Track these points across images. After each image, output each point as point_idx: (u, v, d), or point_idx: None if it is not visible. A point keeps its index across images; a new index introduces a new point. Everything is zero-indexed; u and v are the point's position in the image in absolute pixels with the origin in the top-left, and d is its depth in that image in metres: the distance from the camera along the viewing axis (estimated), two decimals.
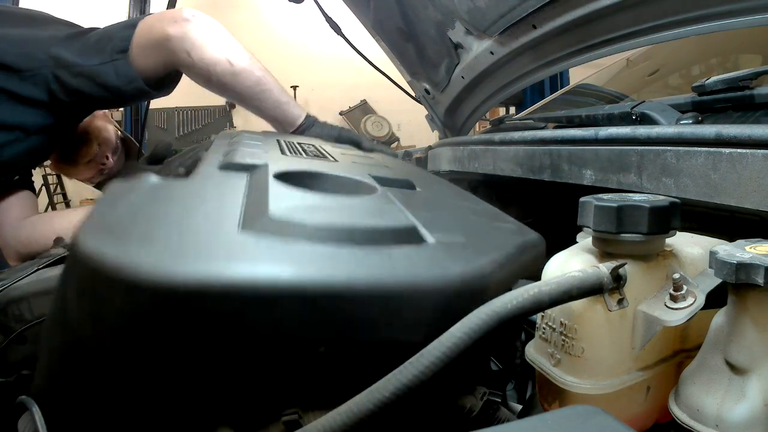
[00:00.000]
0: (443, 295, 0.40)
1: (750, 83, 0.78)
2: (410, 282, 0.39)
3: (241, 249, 0.39)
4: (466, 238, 0.50)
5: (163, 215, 0.45)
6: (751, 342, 0.41)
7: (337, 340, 0.39)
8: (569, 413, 0.35)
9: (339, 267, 0.39)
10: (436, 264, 0.42)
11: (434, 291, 0.40)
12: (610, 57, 1.19)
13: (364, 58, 1.81)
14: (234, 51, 1.15)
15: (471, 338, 0.38)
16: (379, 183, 0.63)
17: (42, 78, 1.11)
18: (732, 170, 0.60)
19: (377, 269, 0.40)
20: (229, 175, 0.61)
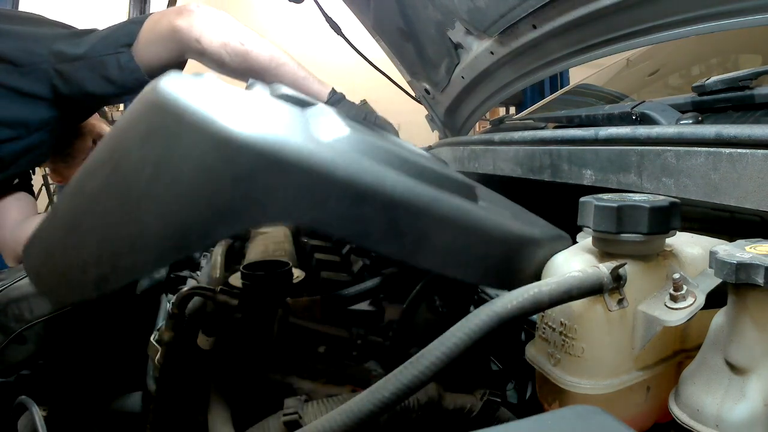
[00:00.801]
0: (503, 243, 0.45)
1: (750, 83, 0.78)
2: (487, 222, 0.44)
3: None
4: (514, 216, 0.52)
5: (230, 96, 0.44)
6: (751, 342, 0.41)
7: None
8: (569, 413, 0.35)
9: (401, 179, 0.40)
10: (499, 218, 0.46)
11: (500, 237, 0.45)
12: (610, 57, 1.19)
13: (364, 58, 1.81)
14: (243, 32, 1.16)
15: (471, 339, 0.38)
16: None
17: (43, 73, 1.12)
18: (732, 170, 0.60)
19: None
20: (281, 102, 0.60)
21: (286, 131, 0.36)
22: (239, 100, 0.41)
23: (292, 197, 0.35)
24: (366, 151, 0.42)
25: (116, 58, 1.13)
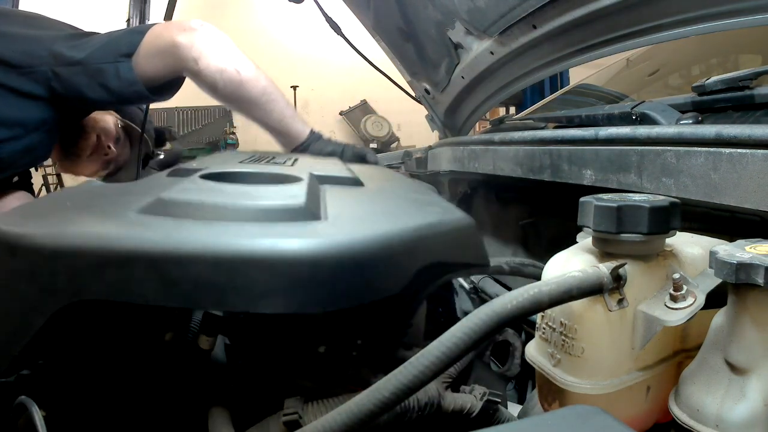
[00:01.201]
0: (295, 265, 0.40)
1: (750, 83, 0.78)
2: (251, 250, 0.40)
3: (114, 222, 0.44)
4: (363, 218, 0.50)
5: (78, 204, 0.49)
6: (751, 342, 0.41)
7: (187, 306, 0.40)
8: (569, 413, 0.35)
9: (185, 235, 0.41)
10: (300, 237, 0.42)
11: (284, 260, 0.40)
12: (610, 57, 1.19)
13: (364, 58, 1.81)
14: (241, 61, 1.16)
15: (471, 338, 0.38)
16: (318, 181, 0.65)
17: (42, 75, 1.12)
18: (732, 170, 0.60)
19: (222, 238, 0.41)
20: (171, 179, 0.66)
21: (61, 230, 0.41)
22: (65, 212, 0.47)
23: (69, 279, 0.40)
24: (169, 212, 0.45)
25: (115, 67, 1.12)
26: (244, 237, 0.41)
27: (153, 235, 0.41)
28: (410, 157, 1.80)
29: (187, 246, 0.40)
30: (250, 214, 0.46)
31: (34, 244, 0.40)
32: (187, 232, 0.42)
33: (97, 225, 0.43)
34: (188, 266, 0.39)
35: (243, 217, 0.45)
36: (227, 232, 0.42)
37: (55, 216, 0.46)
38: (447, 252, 0.52)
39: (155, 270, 0.39)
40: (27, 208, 0.50)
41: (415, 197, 0.67)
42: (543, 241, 1.17)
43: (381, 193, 0.71)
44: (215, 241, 0.40)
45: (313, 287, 0.41)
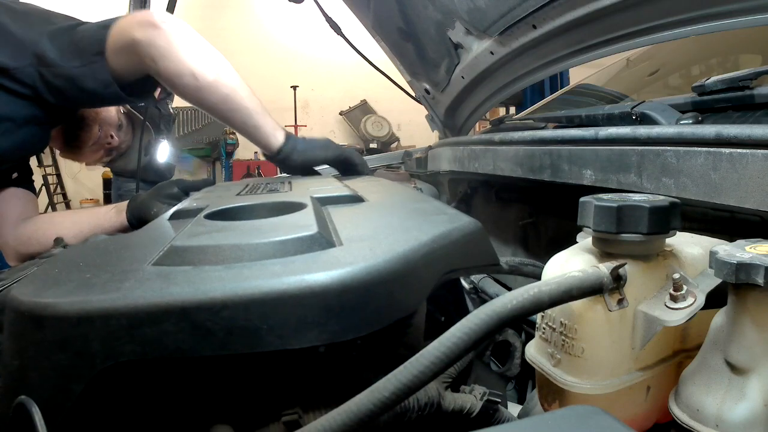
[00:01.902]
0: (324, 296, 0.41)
1: (750, 83, 0.78)
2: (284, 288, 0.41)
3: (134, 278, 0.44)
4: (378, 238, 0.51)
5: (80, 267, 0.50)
6: (751, 342, 0.41)
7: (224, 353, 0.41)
8: (569, 413, 0.35)
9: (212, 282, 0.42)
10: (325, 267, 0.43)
11: (316, 293, 0.41)
12: (610, 57, 1.19)
13: (364, 58, 1.81)
14: (201, 64, 1.09)
15: (471, 338, 0.38)
16: (320, 203, 0.66)
17: (28, 75, 1.10)
18: (732, 170, 0.60)
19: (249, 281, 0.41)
20: (174, 223, 0.67)
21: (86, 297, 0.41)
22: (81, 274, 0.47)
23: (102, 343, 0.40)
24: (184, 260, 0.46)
25: (91, 69, 1.09)
26: (270, 276, 0.42)
27: (179, 286, 0.41)
28: (410, 157, 1.81)
29: (216, 293, 0.40)
30: (267, 251, 0.46)
31: (62, 313, 0.40)
32: (212, 278, 0.42)
33: (118, 285, 0.42)
34: (220, 313, 0.40)
35: (260, 254, 0.46)
36: (252, 274, 0.42)
37: (73, 280, 0.46)
38: (460, 258, 0.54)
39: (187, 321, 0.39)
40: (41, 274, 0.50)
41: (418, 207, 0.68)
42: (543, 241, 1.17)
43: (384, 207, 0.71)
44: (243, 285, 0.40)
45: (344, 316, 0.42)
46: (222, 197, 0.78)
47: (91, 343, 0.39)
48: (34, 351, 0.41)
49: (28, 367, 0.42)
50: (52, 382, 0.41)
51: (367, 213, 0.66)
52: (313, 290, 0.41)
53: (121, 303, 0.40)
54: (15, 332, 0.43)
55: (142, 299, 0.40)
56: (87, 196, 7.22)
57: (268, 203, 0.66)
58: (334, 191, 0.75)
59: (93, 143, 1.50)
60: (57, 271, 0.50)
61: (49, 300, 0.41)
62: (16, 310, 0.42)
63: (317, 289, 0.41)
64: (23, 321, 0.42)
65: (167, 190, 1.22)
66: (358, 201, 0.71)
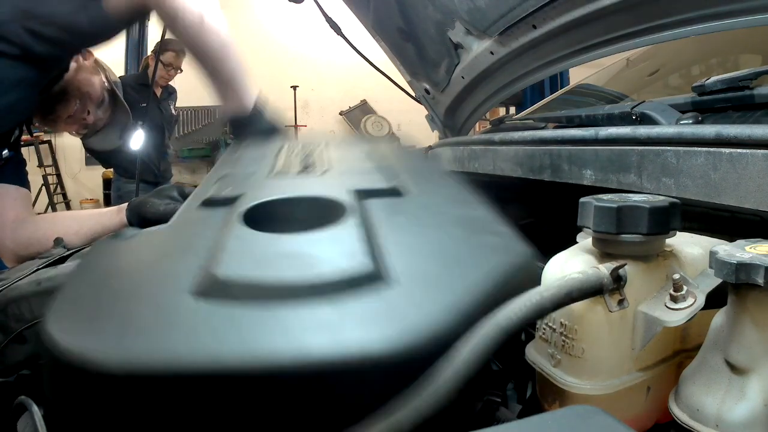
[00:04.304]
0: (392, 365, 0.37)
1: (750, 83, 0.78)
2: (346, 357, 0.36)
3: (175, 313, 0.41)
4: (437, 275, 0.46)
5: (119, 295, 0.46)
6: (751, 342, 0.41)
7: None
8: (569, 413, 0.35)
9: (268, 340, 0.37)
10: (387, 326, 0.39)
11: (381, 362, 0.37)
12: (610, 57, 1.19)
13: (364, 58, 1.81)
14: (208, 5, 1.10)
15: (481, 358, 0.37)
16: (359, 197, 0.62)
17: (13, 31, 1.06)
18: (732, 170, 0.60)
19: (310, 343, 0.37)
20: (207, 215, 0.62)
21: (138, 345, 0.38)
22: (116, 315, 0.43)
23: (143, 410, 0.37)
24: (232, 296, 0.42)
25: (85, 14, 1.08)
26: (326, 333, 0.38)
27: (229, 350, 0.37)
28: None
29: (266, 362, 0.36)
30: (315, 290, 0.42)
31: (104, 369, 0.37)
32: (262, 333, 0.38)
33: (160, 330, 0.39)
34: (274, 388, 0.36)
35: (308, 293, 0.42)
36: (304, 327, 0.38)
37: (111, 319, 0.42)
38: (515, 291, 0.49)
39: None
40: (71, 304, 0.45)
41: (464, 214, 0.64)
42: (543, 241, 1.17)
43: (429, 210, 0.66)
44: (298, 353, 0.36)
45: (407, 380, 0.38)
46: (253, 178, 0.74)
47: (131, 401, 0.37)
48: None
49: None
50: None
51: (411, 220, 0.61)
52: (375, 360, 0.36)
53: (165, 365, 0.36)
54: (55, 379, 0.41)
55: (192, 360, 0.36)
56: (87, 196, 7.21)
57: (307, 198, 0.61)
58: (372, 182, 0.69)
59: (68, 116, 1.44)
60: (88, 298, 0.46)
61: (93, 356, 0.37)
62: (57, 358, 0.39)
63: (382, 360, 0.36)
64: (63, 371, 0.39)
65: (168, 193, 1.21)
66: (396, 194, 0.66)
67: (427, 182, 0.78)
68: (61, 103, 1.40)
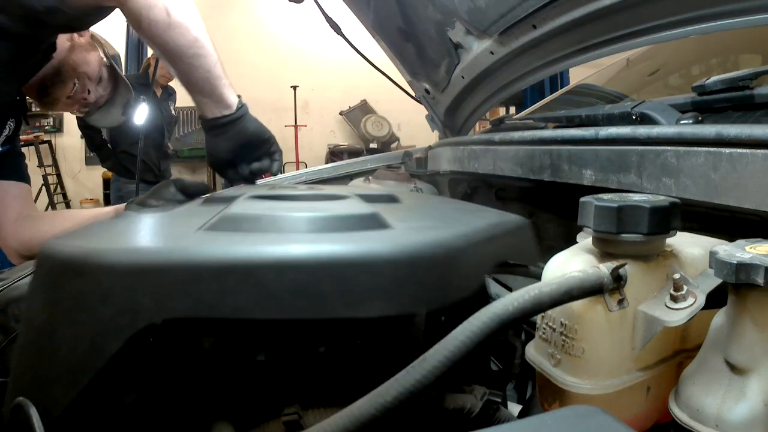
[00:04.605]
0: (395, 264, 0.40)
1: (750, 83, 0.78)
2: (356, 253, 0.40)
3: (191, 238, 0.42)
4: (434, 223, 0.50)
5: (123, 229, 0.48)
6: (751, 342, 0.41)
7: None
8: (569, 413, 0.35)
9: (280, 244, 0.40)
10: (389, 239, 0.42)
11: (384, 260, 0.40)
12: (610, 57, 1.19)
13: (364, 58, 1.81)
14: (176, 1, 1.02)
15: (473, 341, 0.38)
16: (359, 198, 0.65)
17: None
18: (732, 170, 0.60)
19: (320, 244, 0.40)
20: (209, 206, 0.65)
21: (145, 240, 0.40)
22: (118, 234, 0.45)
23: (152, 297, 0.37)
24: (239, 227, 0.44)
25: (39, 3, 1.00)
26: (339, 243, 0.40)
27: (243, 246, 0.39)
28: (410, 157, 1.81)
29: (285, 254, 0.38)
30: (325, 225, 0.45)
31: (108, 263, 0.37)
32: (277, 241, 0.40)
33: (174, 242, 0.40)
34: (288, 275, 0.38)
35: (319, 227, 0.44)
36: (318, 240, 0.41)
37: (119, 236, 0.43)
38: (509, 251, 0.53)
39: (252, 281, 0.37)
40: (81, 231, 0.46)
41: (459, 206, 0.68)
42: (543, 241, 1.17)
43: (424, 205, 0.71)
44: (315, 249, 0.39)
45: (413, 288, 0.40)
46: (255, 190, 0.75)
47: (139, 297, 0.36)
48: (68, 304, 0.38)
49: (58, 322, 0.39)
50: (86, 338, 0.37)
51: (411, 208, 0.65)
52: (384, 260, 0.39)
53: (180, 257, 0.37)
54: (46, 283, 0.40)
55: (204, 255, 0.37)
56: (87, 196, 7.21)
57: (312, 193, 0.64)
58: (371, 191, 0.74)
59: (68, 97, 1.38)
60: (97, 231, 0.47)
61: (92, 248, 0.38)
62: (51, 258, 0.39)
63: (388, 258, 0.39)
64: (58, 270, 0.39)
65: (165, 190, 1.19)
66: (394, 201, 0.70)
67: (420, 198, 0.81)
68: (57, 84, 1.34)
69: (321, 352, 0.51)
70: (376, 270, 0.39)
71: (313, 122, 7.58)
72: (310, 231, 0.44)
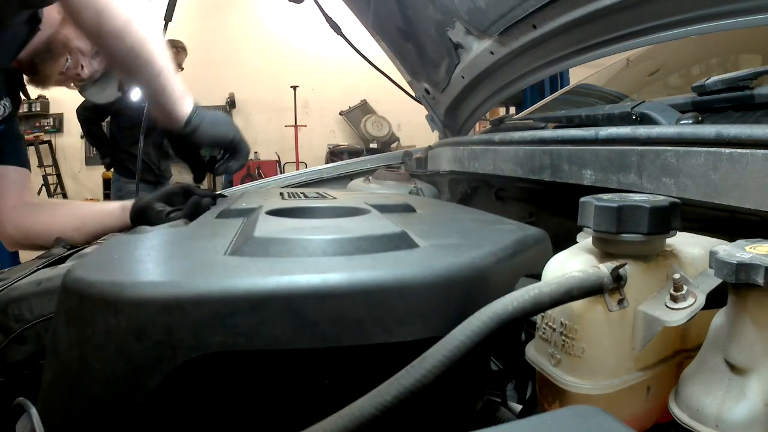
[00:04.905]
0: (431, 288, 0.41)
1: (750, 83, 0.78)
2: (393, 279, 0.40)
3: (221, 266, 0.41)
4: (460, 240, 0.50)
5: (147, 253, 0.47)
6: (751, 342, 0.41)
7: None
8: (569, 413, 0.35)
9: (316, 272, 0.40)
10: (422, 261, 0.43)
11: (421, 284, 0.41)
12: (610, 57, 1.19)
13: (364, 58, 1.81)
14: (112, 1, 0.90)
15: (472, 341, 0.38)
16: (376, 209, 0.65)
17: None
18: (732, 170, 0.60)
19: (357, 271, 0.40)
20: (225, 221, 0.64)
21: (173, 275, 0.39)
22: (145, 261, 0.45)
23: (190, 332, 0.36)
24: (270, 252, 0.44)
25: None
26: (371, 268, 0.41)
27: (279, 275, 0.38)
28: (410, 157, 1.81)
29: (322, 282, 0.38)
30: (355, 247, 0.45)
31: (144, 298, 0.36)
32: (312, 268, 0.40)
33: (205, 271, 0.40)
34: (326, 303, 0.38)
35: (348, 250, 0.44)
36: (351, 266, 0.41)
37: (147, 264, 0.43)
38: (533, 265, 0.54)
39: (290, 311, 0.37)
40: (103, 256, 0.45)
41: (477, 217, 0.68)
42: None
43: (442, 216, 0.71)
44: (351, 275, 0.39)
45: (446, 310, 0.41)
46: (267, 201, 0.74)
47: (176, 332, 0.36)
48: (101, 340, 0.37)
49: (90, 359, 0.38)
50: (122, 373, 0.37)
51: (431, 221, 0.65)
52: (419, 283, 0.40)
53: (217, 289, 0.36)
54: (77, 318, 0.39)
55: (242, 287, 0.37)
56: (87, 196, 7.21)
57: (330, 206, 0.64)
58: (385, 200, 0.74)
59: (60, 73, 1.31)
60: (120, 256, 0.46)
61: (125, 282, 0.37)
62: (81, 292, 0.38)
63: (424, 282, 0.40)
64: (90, 305, 0.38)
65: (173, 198, 1.16)
66: (410, 210, 0.70)
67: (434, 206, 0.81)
68: (47, 61, 1.26)
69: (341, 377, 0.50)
70: (412, 295, 0.40)
71: (313, 122, 7.57)
72: (341, 254, 0.44)
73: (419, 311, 0.40)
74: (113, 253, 0.48)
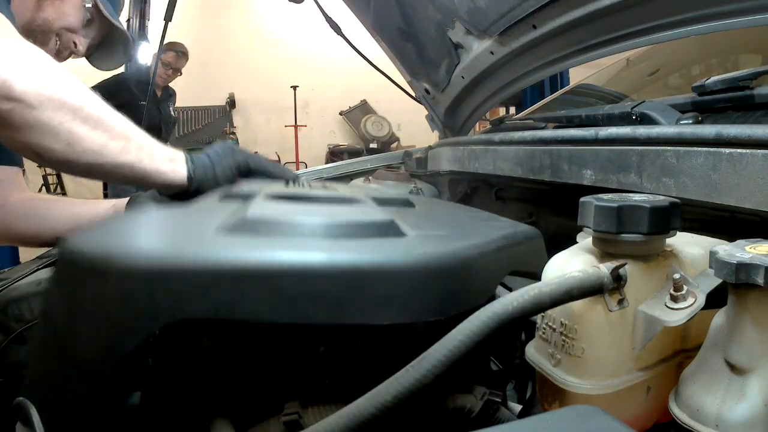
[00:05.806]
0: (410, 274, 0.41)
1: (750, 83, 0.78)
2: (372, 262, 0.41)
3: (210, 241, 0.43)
4: (448, 232, 0.51)
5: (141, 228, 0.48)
6: (751, 342, 0.41)
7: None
8: (569, 413, 0.35)
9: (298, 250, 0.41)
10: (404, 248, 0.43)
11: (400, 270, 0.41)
12: (610, 57, 1.19)
13: (364, 58, 1.81)
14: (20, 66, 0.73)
15: (472, 340, 0.38)
16: (375, 202, 0.65)
17: None
18: (732, 170, 0.60)
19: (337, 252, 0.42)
20: (225, 203, 0.65)
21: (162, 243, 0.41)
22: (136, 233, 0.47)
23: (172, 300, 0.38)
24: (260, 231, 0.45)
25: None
26: (355, 251, 0.42)
27: (263, 251, 0.40)
28: (410, 157, 1.81)
29: (304, 261, 0.39)
30: (343, 231, 0.46)
31: (130, 266, 0.38)
32: (295, 248, 0.41)
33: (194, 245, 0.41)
34: (306, 281, 0.39)
35: (336, 234, 0.45)
36: (336, 247, 0.42)
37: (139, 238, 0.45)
38: (522, 261, 0.55)
39: (270, 286, 0.39)
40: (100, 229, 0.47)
41: (472, 214, 0.68)
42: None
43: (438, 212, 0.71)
44: (333, 256, 0.40)
45: (425, 297, 0.42)
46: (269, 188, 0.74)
47: (159, 299, 0.38)
48: (89, 303, 0.40)
49: (78, 321, 0.40)
50: (104, 336, 0.39)
51: (425, 215, 0.66)
52: (398, 269, 0.41)
53: (201, 261, 0.38)
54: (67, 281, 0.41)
55: (225, 259, 0.39)
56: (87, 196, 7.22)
57: (327, 195, 0.65)
58: (385, 193, 0.75)
59: (56, 52, 1.21)
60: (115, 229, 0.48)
61: (114, 250, 0.39)
62: (74, 261, 0.41)
63: (403, 268, 0.41)
64: (80, 270, 0.40)
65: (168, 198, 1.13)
66: (409, 205, 0.71)
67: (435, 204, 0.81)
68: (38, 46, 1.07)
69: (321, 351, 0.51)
70: (391, 279, 0.41)
71: (313, 122, 7.57)
72: (327, 237, 0.45)
73: (398, 296, 0.41)
74: (109, 227, 0.50)
